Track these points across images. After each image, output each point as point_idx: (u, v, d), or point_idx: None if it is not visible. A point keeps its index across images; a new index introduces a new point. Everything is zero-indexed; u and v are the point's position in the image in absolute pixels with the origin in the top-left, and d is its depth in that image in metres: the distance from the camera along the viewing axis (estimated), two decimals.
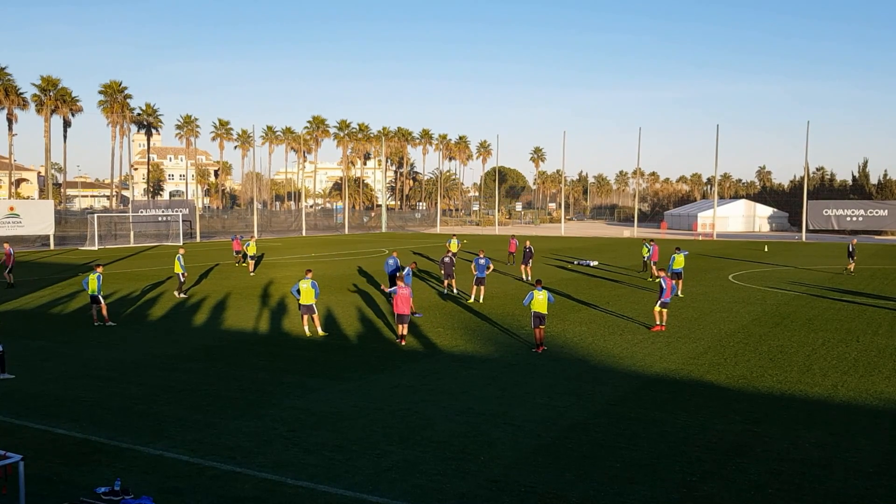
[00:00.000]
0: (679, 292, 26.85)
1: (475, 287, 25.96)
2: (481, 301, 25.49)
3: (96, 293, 21.07)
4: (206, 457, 10.35)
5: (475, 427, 11.72)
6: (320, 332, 19.47)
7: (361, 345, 18.54)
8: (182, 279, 27.35)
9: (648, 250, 34.04)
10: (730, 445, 10.88)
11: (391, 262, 26.89)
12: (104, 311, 21.13)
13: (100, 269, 21.85)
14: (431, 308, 24.13)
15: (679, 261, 27.43)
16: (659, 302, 20.16)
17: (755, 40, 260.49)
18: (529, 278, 31.65)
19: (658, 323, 20.35)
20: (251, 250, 36.97)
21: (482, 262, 25.86)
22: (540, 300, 17.36)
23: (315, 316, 19.55)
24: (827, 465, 10.09)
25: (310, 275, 19.78)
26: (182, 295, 27.11)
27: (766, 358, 16.80)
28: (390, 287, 19.84)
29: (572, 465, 10.08)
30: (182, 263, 27.43)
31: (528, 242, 33.92)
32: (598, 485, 9.37)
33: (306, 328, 19.46)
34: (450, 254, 29.24)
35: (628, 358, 16.79)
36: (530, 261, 32.69)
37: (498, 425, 11.82)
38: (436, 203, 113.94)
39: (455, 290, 27.89)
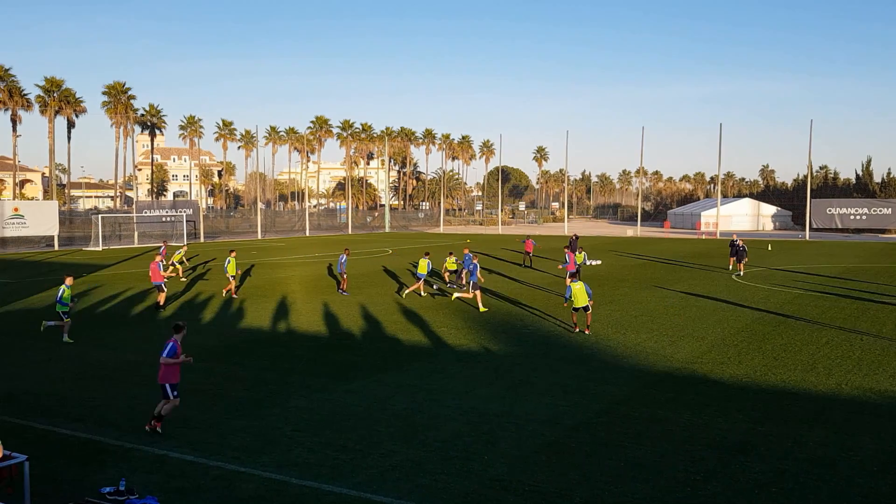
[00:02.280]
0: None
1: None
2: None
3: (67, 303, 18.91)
4: (211, 457, 10.37)
5: (479, 426, 11.73)
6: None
7: (366, 344, 18.56)
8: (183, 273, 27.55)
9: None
10: (734, 444, 10.88)
11: (342, 259, 28.31)
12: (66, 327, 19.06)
13: (69, 280, 19.37)
14: (435, 307, 24.14)
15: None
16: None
17: (758, 38, 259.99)
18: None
19: None
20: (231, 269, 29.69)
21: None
22: (577, 290, 18.78)
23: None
24: (831, 463, 10.08)
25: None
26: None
27: (770, 356, 16.78)
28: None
29: (576, 464, 10.08)
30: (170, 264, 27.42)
31: (574, 234, 40.00)
32: (602, 484, 9.37)
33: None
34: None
35: (632, 357, 16.78)
36: (578, 250, 35.64)
37: (502, 424, 11.83)
38: (439, 203, 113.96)
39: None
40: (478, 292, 23.95)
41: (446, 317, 22.37)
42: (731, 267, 35.96)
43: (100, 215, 61.14)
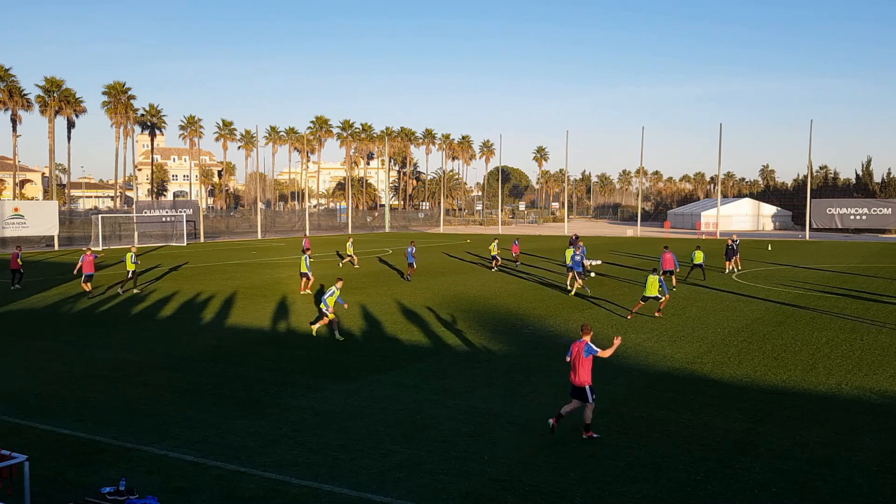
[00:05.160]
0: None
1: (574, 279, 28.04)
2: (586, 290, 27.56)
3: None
4: (211, 457, 10.37)
5: (479, 426, 11.73)
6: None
7: (366, 344, 18.55)
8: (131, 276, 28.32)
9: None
10: (733, 444, 10.88)
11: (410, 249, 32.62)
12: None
13: (339, 284, 20.01)
14: (435, 307, 24.14)
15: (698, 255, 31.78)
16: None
17: (758, 38, 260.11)
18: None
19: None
20: (349, 250, 39.05)
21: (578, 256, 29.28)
22: (651, 281, 21.43)
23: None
24: (831, 463, 10.07)
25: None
26: (120, 291, 28.02)
27: (770, 356, 16.78)
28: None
29: (576, 464, 10.08)
30: (133, 260, 28.09)
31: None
32: (602, 484, 9.36)
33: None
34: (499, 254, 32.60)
35: (632, 357, 16.78)
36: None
37: (502, 424, 11.83)
38: (439, 203, 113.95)
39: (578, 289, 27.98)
40: (578, 280, 27.81)
41: (446, 317, 22.36)
42: (728, 270, 35.82)
43: (100, 215, 61.18)
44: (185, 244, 60.30)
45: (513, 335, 19.55)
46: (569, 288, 28.06)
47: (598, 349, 11.23)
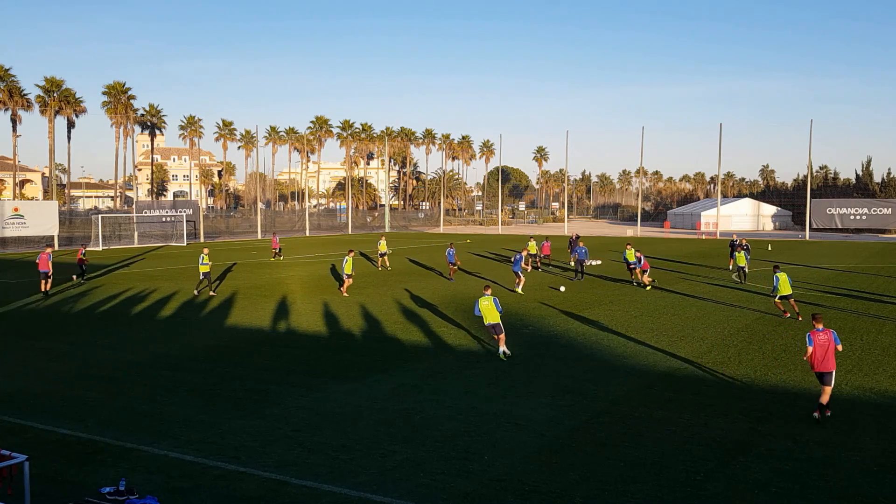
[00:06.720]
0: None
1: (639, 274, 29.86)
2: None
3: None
4: (211, 457, 10.37)
5: (479, 426, 11.73)
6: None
7: (365, 344, 18.56)
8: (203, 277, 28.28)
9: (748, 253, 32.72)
10: (734, 444, 10.88)
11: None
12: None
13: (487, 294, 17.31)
14: (435, 307, 24.13)
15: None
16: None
17: (758, 38, 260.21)
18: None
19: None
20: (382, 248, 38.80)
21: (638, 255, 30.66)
22: (783, 280, 21.48)
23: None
24: (831, 463, 10.08)
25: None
26: (197, 293, 28.21)
27: (770, 357, 16.77)
28: None
29: (576, 464, 10.08)
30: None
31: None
32: (602, 484, 9.36)
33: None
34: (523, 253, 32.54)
35: (632, 357, 16.77)
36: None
37: (502, 425, 11.83)
38: (439, 203, 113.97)
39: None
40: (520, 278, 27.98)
41: (446, 317, 22.35)
42: (731, 267, 35.91)
43: (100, 215, 61.17)
44: (185, 244, 60.28)
45: (513, 335, 19.52)
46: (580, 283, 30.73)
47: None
